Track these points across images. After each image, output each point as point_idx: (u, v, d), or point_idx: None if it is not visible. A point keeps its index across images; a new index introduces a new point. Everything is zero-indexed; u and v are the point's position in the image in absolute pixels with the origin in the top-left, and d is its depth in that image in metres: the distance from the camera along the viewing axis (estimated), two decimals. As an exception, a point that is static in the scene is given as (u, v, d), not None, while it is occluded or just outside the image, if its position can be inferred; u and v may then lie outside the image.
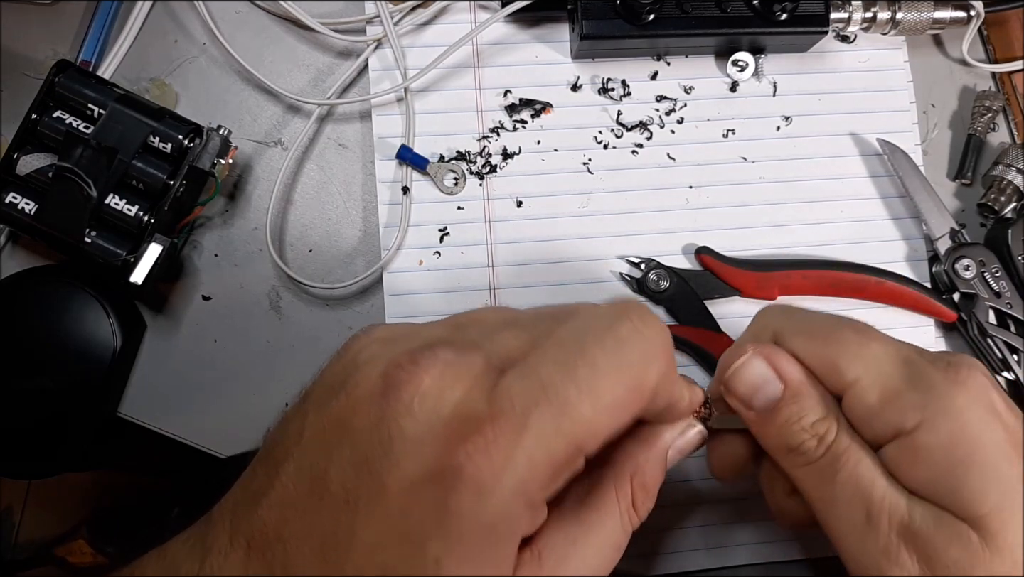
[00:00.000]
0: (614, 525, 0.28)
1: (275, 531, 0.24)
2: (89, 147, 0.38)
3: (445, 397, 0.24)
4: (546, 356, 0.25)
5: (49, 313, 0.41)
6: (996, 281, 0.44)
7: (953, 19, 0.46)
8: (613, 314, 0.26)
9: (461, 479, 0.23)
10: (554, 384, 0.24)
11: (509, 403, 0.23)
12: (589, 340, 0.25)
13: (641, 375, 0.25)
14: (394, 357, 0.25)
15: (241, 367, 0.43)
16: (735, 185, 0.45)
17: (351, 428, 0.24)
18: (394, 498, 0.23)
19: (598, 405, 0.24)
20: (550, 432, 0.23)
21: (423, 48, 0.45)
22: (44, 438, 0.41)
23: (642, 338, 0.25)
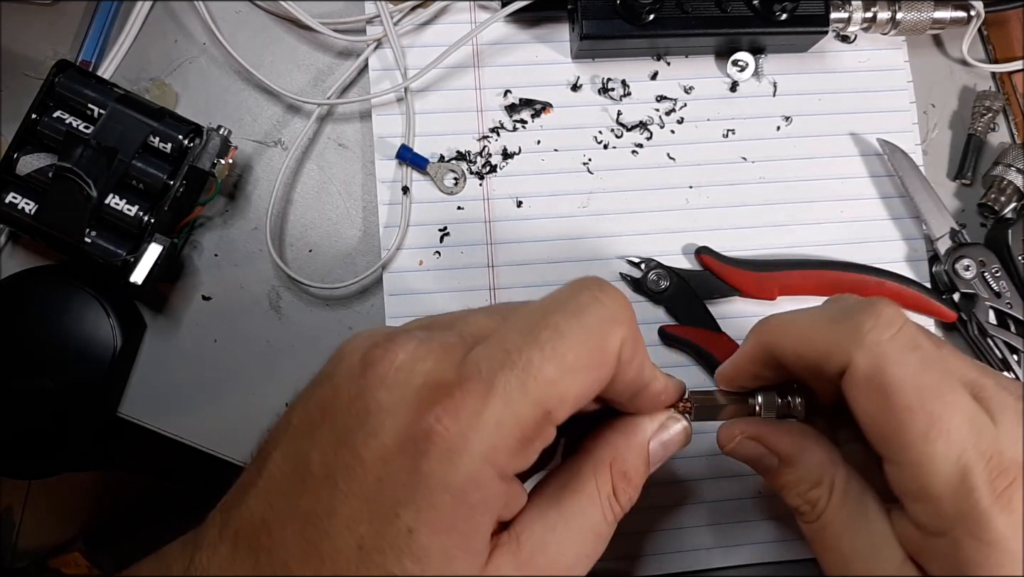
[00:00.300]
0: (594, 512, 0.28)
1: (261, 518, 0.24)
2: (89, 147, 0.38)
3: (417, 368, 0.24)
4: (511, 327, 0.26)
5: (49, 313, 0.41)
6: (996, 281, 0.44)
7: (953, 19, 0.46)
8: (573, 286, 0.27)
9: (431, 441, 0.23)
10: (518, 348, 0.24)
11: (476, 369, 0.24)
12: (551, 308, 0.26)
13: (602, 338, 0.26)
14: (373, 339, 0.26)
15: (241, 367, 0.43)
16: (735, 185, 0.45)
17: (333, 408, 0.25)
18: (370, 469, 0.23)
19: (562, 366, 0.25)
20: (516, 394, 0.24)
21: (423, 48, 0.45)
22: (44, 438, 0.41)
23: (601, 305, 0.26)
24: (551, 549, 0.26)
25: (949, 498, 0.26)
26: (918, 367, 0.28)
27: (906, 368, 0.27)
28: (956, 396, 0.27)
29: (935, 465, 0.27)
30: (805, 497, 0.31)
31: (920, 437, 0.27)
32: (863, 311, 0.29)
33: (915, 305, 0.44)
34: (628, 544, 0.42)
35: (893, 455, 0.28)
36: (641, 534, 0.42)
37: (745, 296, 0.44)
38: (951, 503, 0.26)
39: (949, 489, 0.26)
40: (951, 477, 0.26)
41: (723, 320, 0.44)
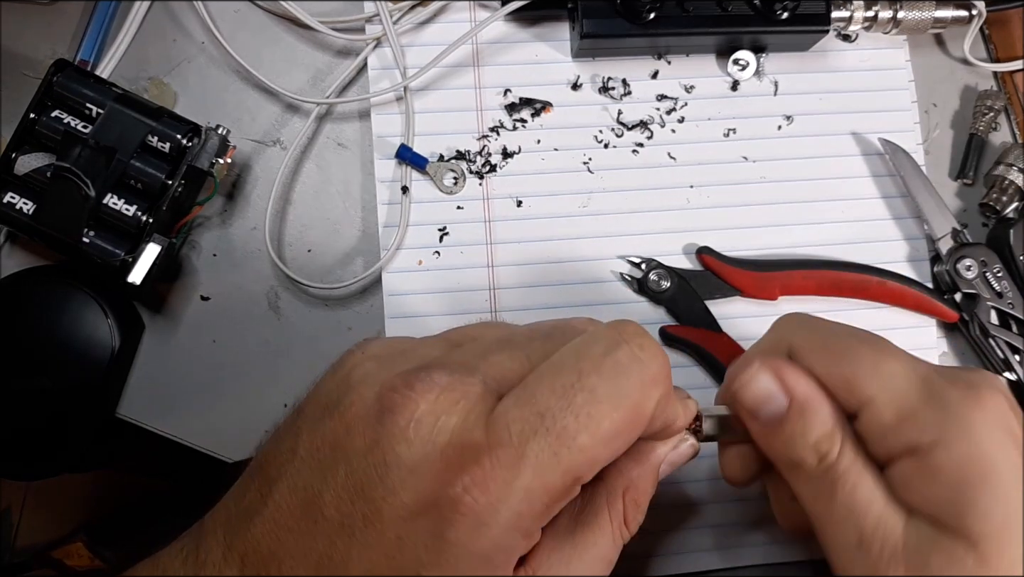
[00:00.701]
0: (606, 542, 0.28)
1: (269, 549, 0.24)
2: (87, 147, 0.38)
3: (441, 424, 0.24)
4: (542, 381, 0.25)
5: (47, 313, 0.41)
6: (998, 281, 0.44)
7: (955, 18, 0.46)
8: (611, 337, 0.25)
9: (458, 512, 0.23)
10: (551, 412, 0.24)
11: (507, 433, 0.23)
12: (586, 365, 0.25)
13: (639, 403, 0.25)
14: (389, 379, 0.25)
15: (240, 367, 0.43)
16: (736, 185, 0.45)
17: (345, 450, 0.24)
18: (390, 526, 0.23)
19: (596, 435, 0.24)
20: (548, 463, 0.23)
21: (422, 47, 0.45)
22: (43, 439, 0.41)
23: (640, 365, 0.25)
24: None
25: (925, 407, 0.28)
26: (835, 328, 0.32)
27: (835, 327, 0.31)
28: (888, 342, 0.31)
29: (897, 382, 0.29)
30: (815, 447, 0.29)
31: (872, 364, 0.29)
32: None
33: (916, 305, 0.44)
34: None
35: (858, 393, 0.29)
36: (644, 535, 0.42)
37: (746, 296, 0.44)
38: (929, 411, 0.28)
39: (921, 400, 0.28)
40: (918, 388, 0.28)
41: (724, 320, 0.44)
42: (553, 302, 0.43)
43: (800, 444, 0.29)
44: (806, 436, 0.29)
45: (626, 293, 0.44)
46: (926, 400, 0.28)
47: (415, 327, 0.43)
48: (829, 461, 0.29)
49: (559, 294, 0.44)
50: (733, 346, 0.43)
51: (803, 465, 0.29)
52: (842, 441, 0.29)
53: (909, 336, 0.45)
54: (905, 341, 0.44)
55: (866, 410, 0.29)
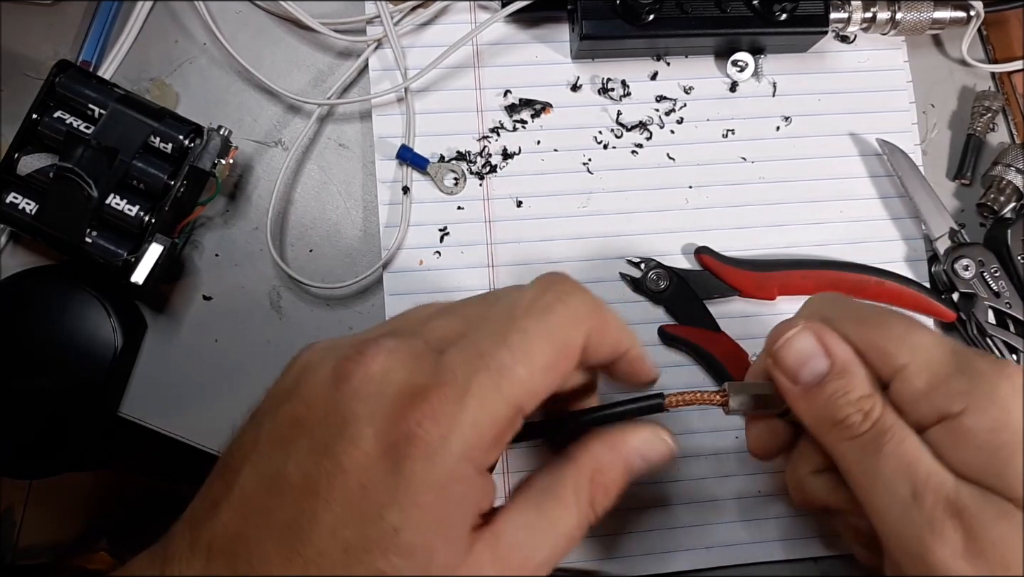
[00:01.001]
0: (569, 517, 0.28)
1: (236, 531, 0.25)
2: (90, 147, 0.38)
3: (391, 377, 0.26)
4: (481, 331, 0.27)
5: (50, 313, 0.41)
6: (995, 281, 0.44)
7: (953, 19, 0.46)
8: (538, 287, 0.28)
9: (412, 444, 0.24)
10: (490, 352, 0.26)
11: (451, 373, 0.26)
12: (518, 312, 0.27)
13: (567, 336, 0.28)
14: (342, 352, 0.27)
15: (242, 367, 0.43)
16: (735, 185, 0.46)
17: (307, 422, 0.26)
18: (352, 476, 0.24)
19: (532, 366, 0.26)
20: (490, 395, 0.26)
21: (423, 48, 0.45)
22: (45, 438, 0.41)
23: (564, 305, 0.28)
24: (526, 548, 0.27)
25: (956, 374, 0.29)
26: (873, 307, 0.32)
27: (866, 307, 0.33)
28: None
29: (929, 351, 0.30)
30: (858, 405, 0.30)
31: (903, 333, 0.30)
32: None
33: (914, 305, 0.45)
34: (625, 544, 0.42)
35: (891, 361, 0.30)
36: (636, 534, 0.42)
37: (745, 296, 0.44)
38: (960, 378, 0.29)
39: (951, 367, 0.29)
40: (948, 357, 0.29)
41: (723, 320, 0.44)
42: (553, 302, 0.44)
43: (844, 402, 0.30)
44: (849, 395, 0.30)
45: (625, 293, 0.44)
46: (956, 368, 0.29)
47: (416, 327, 0.43)
48: (874, 417, 0.29)
49: (559, 294, 0.44)
50: (732, 345, 0.43)
51: (847, 424, 0.30)
52: (884, 401, 0.30)
53: (907, 336, 0.45)
54: (903, 340, 0.45)
55: (898, 378, 0.30)
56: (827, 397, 0.30)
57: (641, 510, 0.42)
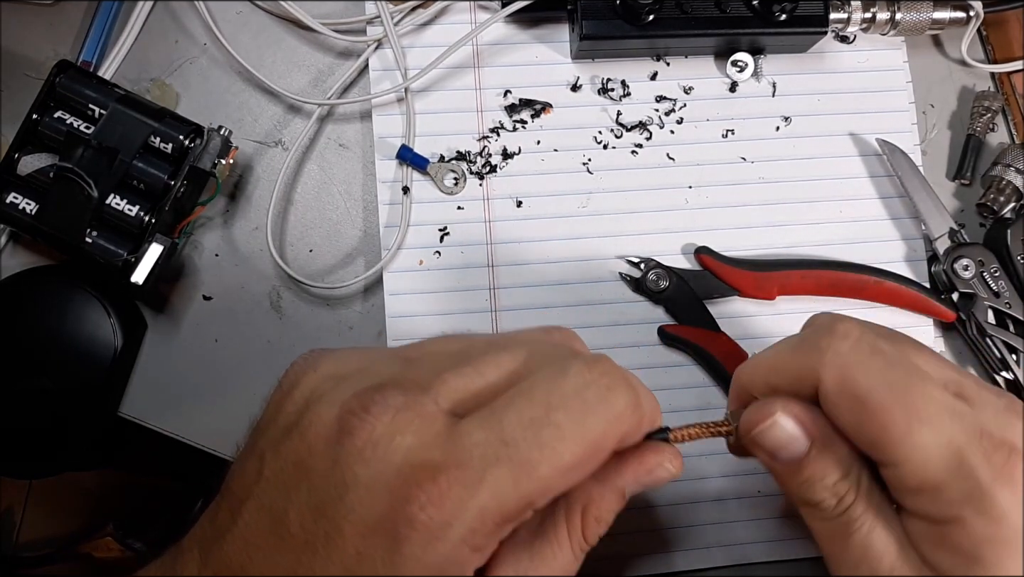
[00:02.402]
0: (564, 555, 0.28)
1: (240, 566, 0.25)
2: (90, 147, 0.39)
3: (396, 444, 0.24)
4: (510, 409, 0.25)
5: (50, 313, 0.41)
6: (995, 281, 0.44)
7: (952, 19, 0.46)
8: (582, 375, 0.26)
9: (413, 528, 0.24)
10: (516, 442, 0.24)
11: (467, 453, 0.24)
12: (555, 400, 0.25)
13: (601, 440, 0.26)
14: (347, 401, 0.25)
15: (242, 367, 0.43)
16: (734, 185, 0.46)
17: (308, 470, 0.25)
18: (350, 542, 0.24)
19: (557, 467, 0.25)
20: (506, 488, 0.24)
21: (423, 48, 0.45)
22: (45, 438, 0.41)
23: (607, 405, 0.26)
24: None
25: (951, 482, 0.26)
26: (882, 367, 0.28)
27: (871, 371, 0.28)
28: (927, 387, 0.27)
29: (927, 453, 0.26)
30: (833, 489, 0.29)
31: (904, 431, 0.27)
32: (819, 331, 0.29)
33: (914, 305, 0.45)
34: (624, 544, 0.42)
35: (886, 456, 0.27)
36: (636, 534, 0.42)
37: (744, 296, 0.44)
38: (954, 486, 0.26)
39: (949, 473, 0.26)
40: (948, 462, 0.26)
41: (722, 320, 0.44)
42: (552, 302, 0.44)
43: (819, 487, 0.29)
44: (825, 480, 0.29)
45: (625, 293, 0.44)
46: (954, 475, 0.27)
47: (416, 326, 0.43)
48: (846, 504, 0.29)
49: (558, 294, 0.44)
50: (731, 345, 0.43)
51: (821, 506, 0.29)
52: (859, 484, 0.29)
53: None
54: (902, 340, 0.45)
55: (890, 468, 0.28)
56: (803, 479, 0.30)
57: (641, 510, 0.42)
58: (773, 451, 0.30)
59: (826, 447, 0.30)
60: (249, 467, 0.27)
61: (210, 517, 0.27)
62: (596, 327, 0.44)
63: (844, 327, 0.29)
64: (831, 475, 0.29)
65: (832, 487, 0.29)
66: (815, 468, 0.29)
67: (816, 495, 0.29)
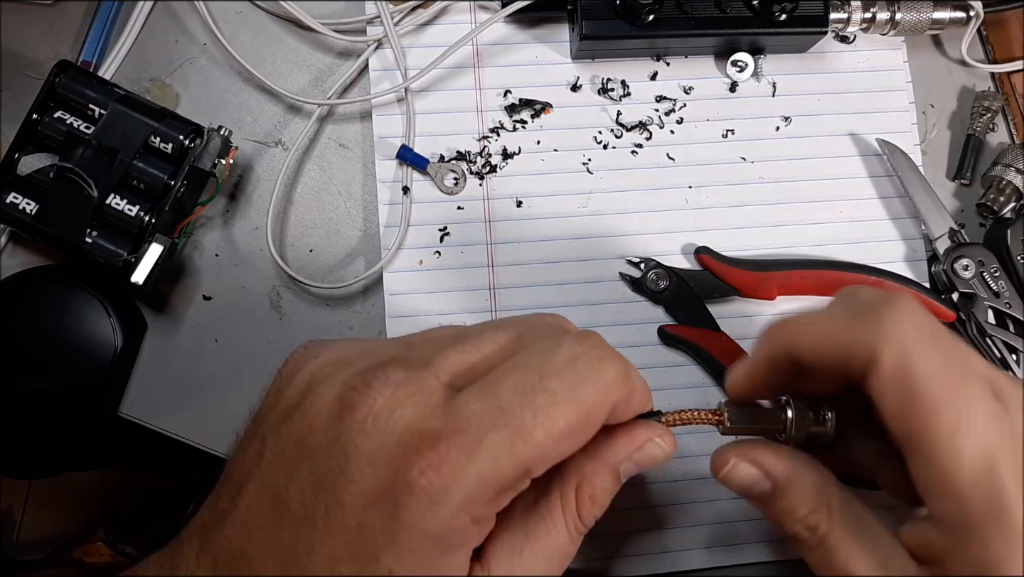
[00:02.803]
0: (559, 534, 0.28)
1: (240, 548, 0.25)
2: (90, 147, 0.39)
3: (397, 415, 0.25)
4: (506, 378, 0.26)
5: (50, 313, 0.41)
6: (995, 281, 0.44)
7: (952, 19, 0.46)
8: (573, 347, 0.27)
9: (412, 493, 0.24)
10: (512, 408, 0.25)
11: (465, 421, 0.25)
12: (548, 369, 0.26)
13: (593, 408, 0.27)
14: (348, 378, 0.26)
15: (242, 367, 0.43)
16: (734, 185, 0.46)
17: (309, 448, 0.25)
18: (350, 513, 0.24)
19: (551, 432, 0.25)
20: (503, 453, 0.25)
21: (423, 48, 0.45)
22: (45, 438, 0.41)
23: (598, 374, 0.27)
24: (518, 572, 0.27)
25: (977, 493, 0.26)
26: (942, 361, 0.27)
27: (931, 362, 0.27)
28: (978, 390, 0.27)
29: (962, 460, 0.26)
30: (804, 522, 0.30)
31: (948, 433, 0.26)
32: (886, 305, 0.28)
33: (914, 305, 0.45)
34: (620, 543, 0.42)
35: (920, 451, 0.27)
36: (636, 533, 0.42)
37: (744, 296, 0.44)
38: (979, 497, 0.26)
39: (977, 484, 0.26)
40: (979, 472, 0.26)
41: (722, 320, 0.44)
42: (553, 302, 0.44)
43: (791, 521, 0.30)
44: (796, 511, 0.30)
45: (625, 292, 0.44)
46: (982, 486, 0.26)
47: (416, 326, 0.43)
48: (820, 533, 0.29)
49: (558, 294, 0.44)
50: (731, 345, 0.43)
51: (798, 539, 0.30)
52: (831, 512, 0.30)
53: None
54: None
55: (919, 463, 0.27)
56: (776, 514, 0.31)
57: (640, 510, 0.42)
58: (741, 491, 0.32)
59: (790, 485, 0.31)
60: (250, 451, 0.27)
61: (210, 506, 0.27)
62: (596, 327, 0.43)
63: (908, 306, 0.28)
64: (800, 509, 0.30)
65: (803, 520, 0.30)
66: (783, 504, 0.31)
67: (790, 529, 0.31)
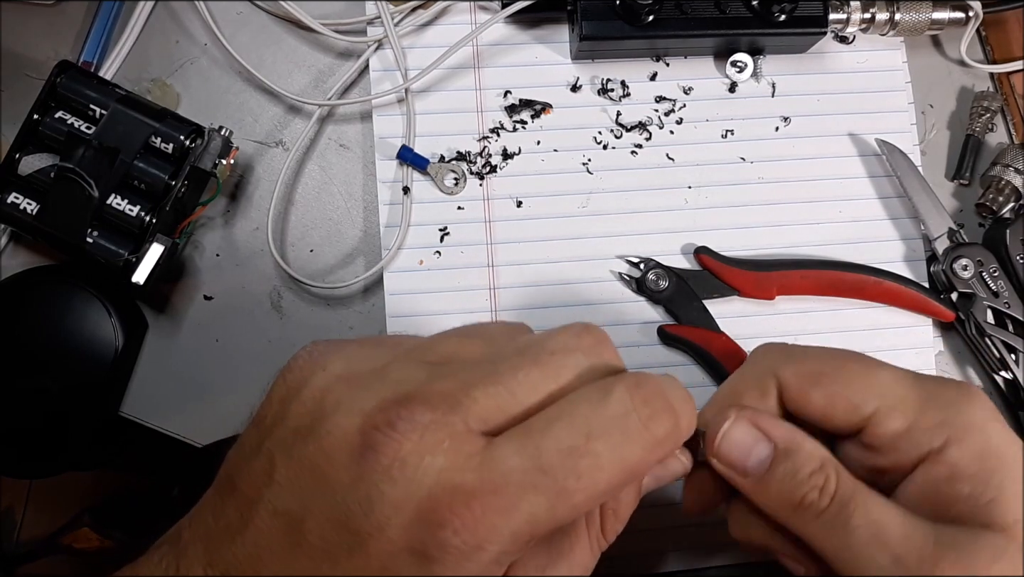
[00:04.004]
0: (583, 550, 0.28)
1: (252, 569, 0.24)
2: (91, 147, 0.39)
3: (426, 464, 0.23)
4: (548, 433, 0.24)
5: (51, 313, 0.41)
6: (994, 281, 0.44)
7: (951, 20, 0.46)
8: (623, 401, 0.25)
9: (446, 552, 0.23)
10: (554, 471, 0.24)
11: (502, 478, 0.23)
12: (595, 428, 0.24)
13: (639, 468, 0.25)
14: (370, 414, 0.24)
15: (243, 367, 0.43)
16: (734, 185, 0.46)
17: (328, 481, 0.24)
18: (375, 558, 0.23)
19: (592, 495, 0.24)
20: (541, 514, 0.24)
21: (424, 49, 0.45)
22: (46, 438, 0.41)
23: (649, 433, 0.25)
24: None
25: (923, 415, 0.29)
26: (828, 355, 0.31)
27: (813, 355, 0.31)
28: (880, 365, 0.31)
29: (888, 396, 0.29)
30: (811, 482, 0.28)
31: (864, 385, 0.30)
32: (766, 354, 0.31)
33: (913, 305, 0.45)
34: (623, 544, 0.42)
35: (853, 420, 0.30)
36: (636, 533, 0.42)
37: (744, 296, 0.44)
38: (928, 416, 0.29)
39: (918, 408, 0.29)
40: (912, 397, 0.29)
41: (722, 320, 0.44)
42: (553, 302, 0.44)
43: (797, 481, 0.28)
44: (801, 472, 0.28)
45: (625, 293, 0.44)
46: (926, 402, 0.29)
47: (416, 326, 0.43)
48: (831, 490, 0.28)
49: (559, 294, 0.44)
50: (731, 345, 0.43)
51: (807, 503, 0.28)
52: (837, 470, 0.29)
53: (906, 335, 0.45)
54: (902, 340, 0.45)
55: (872, 424, 0.29)
56: (780, 481, 0.29)
57: (639, 509, 0.42)
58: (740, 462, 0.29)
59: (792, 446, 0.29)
60: (256, 466, 0.26)
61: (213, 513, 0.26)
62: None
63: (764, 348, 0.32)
64: (805, 466, 0.28)
65: (810, 479, 0.28)
66: (787, 465, 0.29)
67: (798, 491, 0.28)
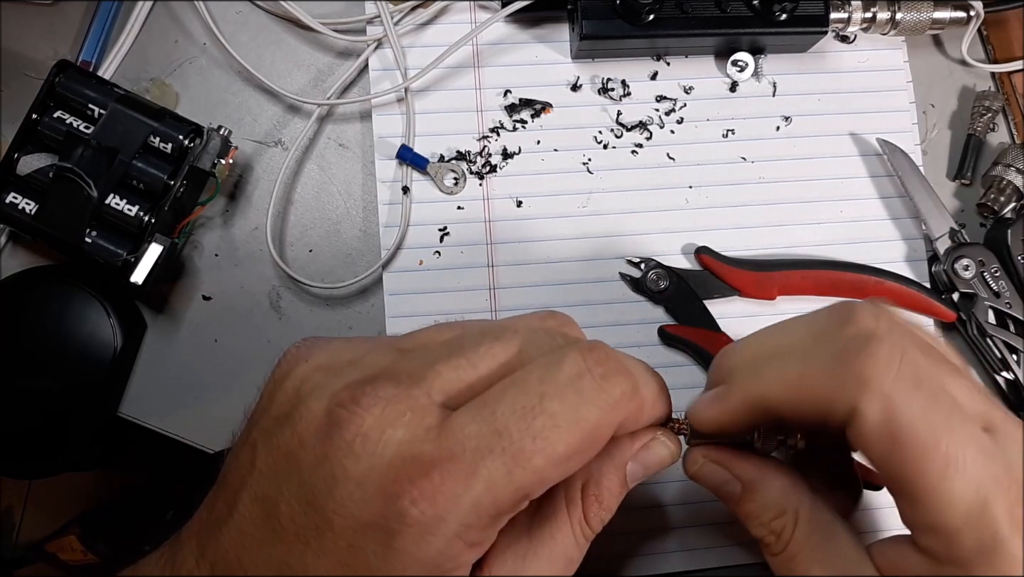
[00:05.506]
0: (565, 538, 0.28)
1: (236, 556, 0.25)
2: (89, 147, 0.39)
3: (387, 436, 0.24)
4: (503, 399, 0.25)
5: (50, 313, 0.41)
6: (995, 281, 0.44)
7: (953, 19, 0.46)
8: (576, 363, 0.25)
9: (405, 522, 0.23)
10: (509, 432, 0.24)
11: (460, 446, 0.24)
12: (549, 389, 0.25)
13: (596, 429, 0.25)
14: (336, 392, 0.25)
15: (241, 367, 0.43)
16: (735, 185, 0.46)
17: (298, 462, 0.25)
18: (341, 536, 0.24)
19: (551, 457, 0.24)
20: (499, 480, 0.24)
21: (423, 48, 0.45)
22: (45, 438, 0.41)
23: (603, 393, 0.25)
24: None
25: (968, 530, 0.25)
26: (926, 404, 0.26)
27: (914, 408, 0.26)
28: (967, 429, 0.26)
29: (953, 502, 0.25)
30: (769, 527, 0.30)
31: (937, 477, 0.25)
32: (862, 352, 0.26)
33: (914, 305, 0.45)
34: (617, 544, 0.42)
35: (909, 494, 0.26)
36: (631, 534, 0.42)
37: (745, 296, 0.44)
38: (971, 535, 0.25)
39: (968, 522, 0.25)
40: (970, 510, 0.25)
41: (722, 320, 0.44)
42: (553, 302, 0.44)
43: (756, 524, 0.30)
44: (760, 517, 0.30)
45: (625, 293, 0.44)
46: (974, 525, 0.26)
47: (416, 326, 0.43)
48: (784, 541, 0.29)
49: (559, 294, 0.44)
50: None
51: (764, 543, 0.30)
52: (797, 520, 0.29)
53: (907, 336, 0.45)
54: (903, 340, 0.45)
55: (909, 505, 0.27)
56: (744, 517, 0.31)
57: (638, 510, 0.42)
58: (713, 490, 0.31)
59: (756, 488, 0.30)
60: (243, 457, 0.26)
61: (208, 507, 0.27)
62: (596, 327, 0.44)
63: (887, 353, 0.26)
64: (766, 512, 0.30)
65: (768, 525, 0.30)
66: (749, 508, 0.30)
67: (756, 532, 0.30)
